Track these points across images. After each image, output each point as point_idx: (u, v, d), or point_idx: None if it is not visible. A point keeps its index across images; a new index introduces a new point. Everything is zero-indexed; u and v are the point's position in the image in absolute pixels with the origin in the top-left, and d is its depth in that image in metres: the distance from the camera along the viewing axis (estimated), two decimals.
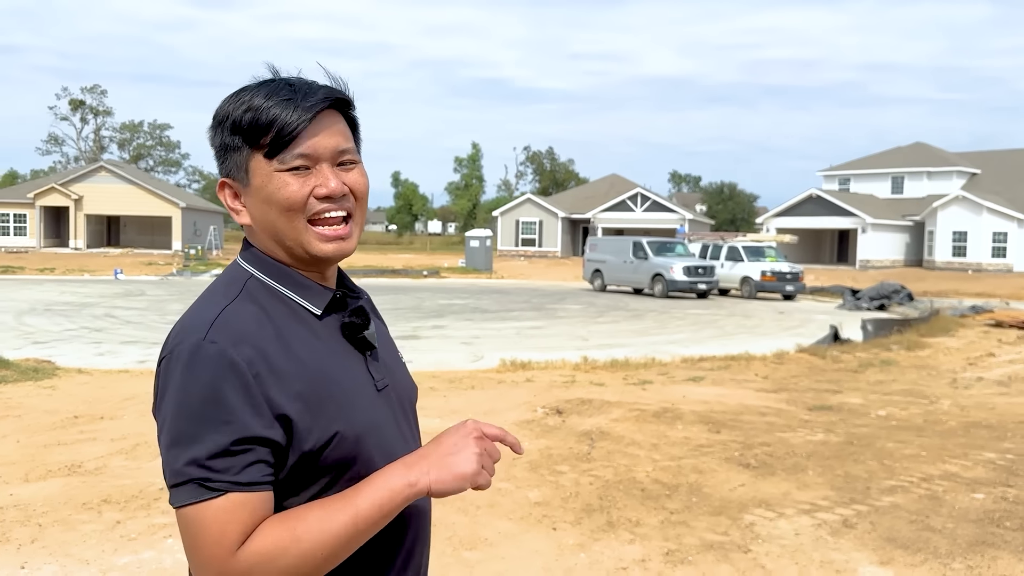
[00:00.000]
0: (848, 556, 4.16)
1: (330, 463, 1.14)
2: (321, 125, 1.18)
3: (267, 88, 1.19)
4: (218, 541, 1.05)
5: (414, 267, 37.91)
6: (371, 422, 1.19)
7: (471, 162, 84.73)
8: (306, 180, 1.18)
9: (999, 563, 4.11)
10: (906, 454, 6.43)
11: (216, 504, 1.05)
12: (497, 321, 18.20)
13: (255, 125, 1.17)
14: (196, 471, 1.06)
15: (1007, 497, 5.27)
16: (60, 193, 45.16)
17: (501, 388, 9.31)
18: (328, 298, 1.22)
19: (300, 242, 1.19)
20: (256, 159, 1.18)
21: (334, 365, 1.18)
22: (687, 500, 5.03)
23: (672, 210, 49.64)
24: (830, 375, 11.04)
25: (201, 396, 1.07)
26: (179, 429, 1.08)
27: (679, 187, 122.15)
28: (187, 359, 1.09)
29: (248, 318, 1.14)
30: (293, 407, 1.11)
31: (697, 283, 26.39)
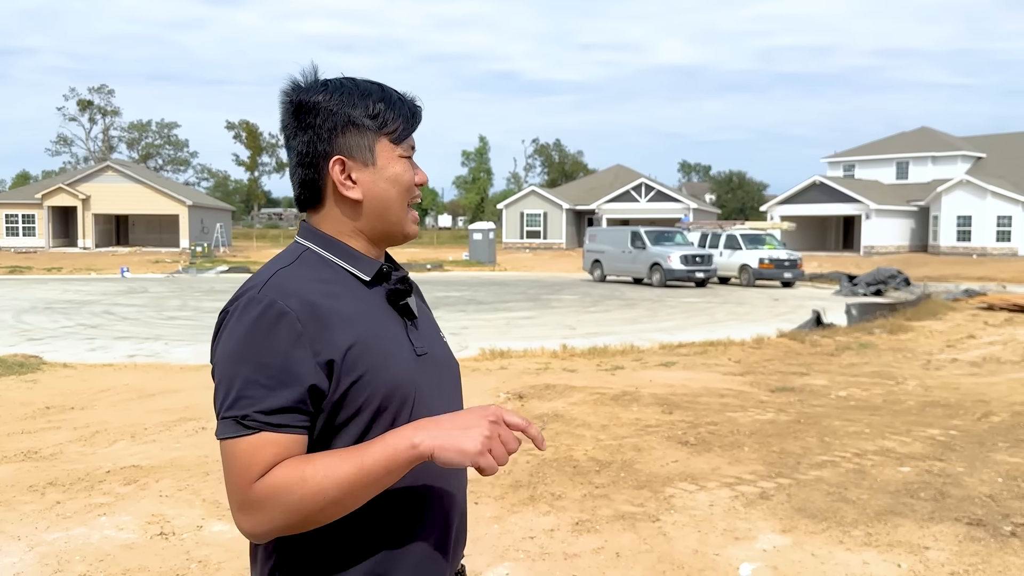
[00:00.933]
0: (753, 525, 4.32)
1: (365, 406, 1.23)
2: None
3: (380, 88, 1.37)
4: (243, 472, 1.16)
5: (419, 260, 38.14)
6: (408, 378, 1.29)
7: (478, 156, 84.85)
8: (413, 168, 1.37)
9: (900, 530, 4.26)
10: (849, 431, 6.58)
11: (248, 440, 1.17)
12: (489, 312, 18.39)
13: (389, 114, 1.34)
14: (236, 409, 1.18)
15: (932, 470, 5.42)
16: (68, 193, 45.68)
17: (474, 376, 9.49)
18: (376, 267, 1.34)
19: (401, 221, 1.36)
20: (383, 142, 1.33)
21: (377, 323, 1.29)
22: (615, 475, 5.20)
23: (677, 200, 49.62)
24: (804, 358, 11.16)
25: (250, 340, 1.19)
26: (226, 369, 1.21)
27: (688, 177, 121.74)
28: (241, 310, 1.22)
29: (299, 278, 1.27)
30: (337, 354, 1.21)
31: (695, 272, 26.46)
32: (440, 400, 1.35)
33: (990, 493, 4.90)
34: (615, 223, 47.73)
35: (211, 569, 3.61)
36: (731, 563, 3.78)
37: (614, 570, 3.67)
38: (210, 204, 51.08)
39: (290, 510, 1.15)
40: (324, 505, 1.16)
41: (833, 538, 4.13)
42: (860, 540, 4.11)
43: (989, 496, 4.83)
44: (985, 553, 3.95)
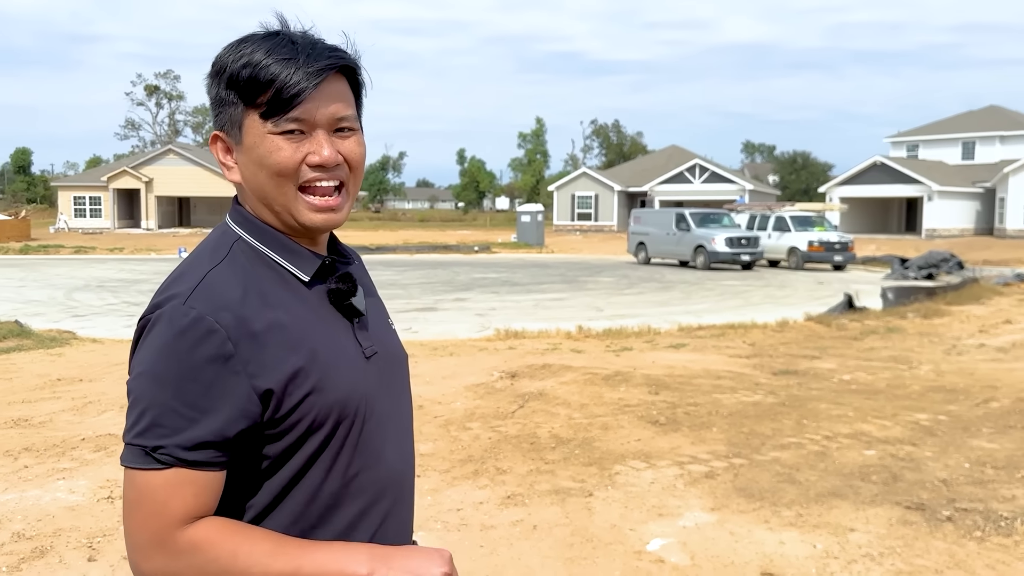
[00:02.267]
0: (684, 503, 4.34)
1: (310, 426, 1.11)
2: (321, 89, 1.13)
3: (269, 43, 1.13)
4: (158, 512, 1.04)
5: (468, 243, 38.37)
6: (356, 388, 1.17)
7: (535, 137, 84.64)
8: (299, 146, 1.13)
9: (833, 512, 4.23)
10: (832, 415, 6.49)
11: (163, 476, 1.04)
12: (521, 294, 18.47)
13: (252, 82, 1.11)
14: (147, 439, 1.04)
15: (898, 454, 5.33)
16: (132, 176, 47.21)
17: (479, 355, 9.60)
18: (317, 264, 1.19)
19: (289, 209, 1.15)
20: (251, 117, 1.13)
21: (319, 332, 1.15)
22: (570, 452, 5.25)
23: (732, 181, 48.80)
24: (823, 342, 10.97)
25: (170, 360, 1.05)
26: (141, 390, 1.06)
27: (752, 157, 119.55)
28: (165, 324, 1.06)
29: (231, 282, 1.11)
30: (275, 377, 1.08)
31: (740, 254, 26.07)
32: (389, 402, 1.24)
33: (947, 478, 4.81)
34: (668, 205, 47.20)
35: None
36: (643, 538, 3.82)
37: (524, 542, 3.74)
38: None
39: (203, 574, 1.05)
40: None
41: (760, 518, 4.12)
42: (787, 520, 4.09)
43: (943, 481, 4.75)
44: (911, 537, 3.90)
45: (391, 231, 49.75)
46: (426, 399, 6.88)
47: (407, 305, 15.89)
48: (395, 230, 52.04)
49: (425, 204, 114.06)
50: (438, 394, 7.12)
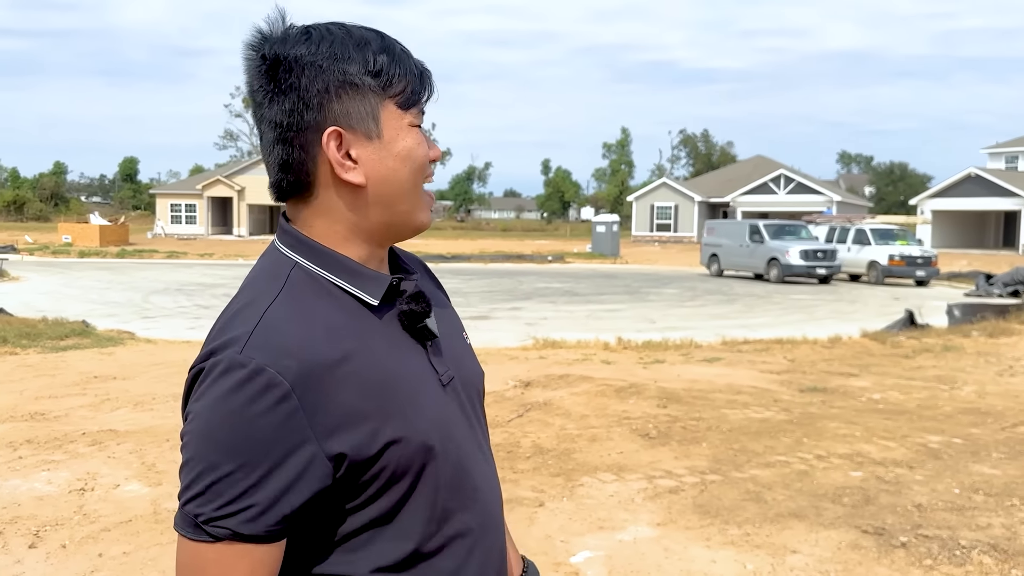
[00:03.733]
0: (633, 517, 4.29)
1: (391, 477, 1.00)
2: None
3: (372, 32, 1.06)
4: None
5: (543, 252, 38.48)
6: (438, 422, 1.05)
7: (619, 148, 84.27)
8: (423, 140, 1.06)
9: (785, 533, 4.12)
10: (839, 434, 6.28)
11: (214, 549, 0.93)
12: (578, 304, 18.43)
13: (393, 70, 1.03)
14: (199, 507, 0.93)
15: (885, 477, 5.13)
16: (225, 184, 49.21)
17: (507, 364, 9.65)
18: (385, 285, 1.05)
19: (415, 208, 1.07)
20: (388, 108, 1.03)
21: (395, 366, 1.03)
22: (543, 463, 5.26)
23: (818, 192, 47.44)
24: (868, 359, 10.59)
25: (227, 421, 0.93)
26: (196, 452, 0.94)
27: (848, 168, 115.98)
28: (219, 375, 0.94)
29: (294, 321, 0.98)
30: (344, 435, 0.96)
31: (816, 268, 25.32)
32: (468, 429, 1.12)
33: (924, 503, 4.61)
34: (751, 216, 46.21)
35: (89, 520, 4.02)
36: (571, 551, 3.80)
37: None
38: None
39: None
40: None
41: (704, 535, 4.05)
42: (730, 539, 4.01)
43: (918, 506, 4.55)
44: (854, 562, 3.77)
45: (471, 240, 50.30)
46: None
47: (461, 314, 15.56)
48: (475, 239, 52.60)
49: (511, 214, 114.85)
50: None
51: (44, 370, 8.43)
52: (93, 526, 3.95)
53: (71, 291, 19.63)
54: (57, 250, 34.57)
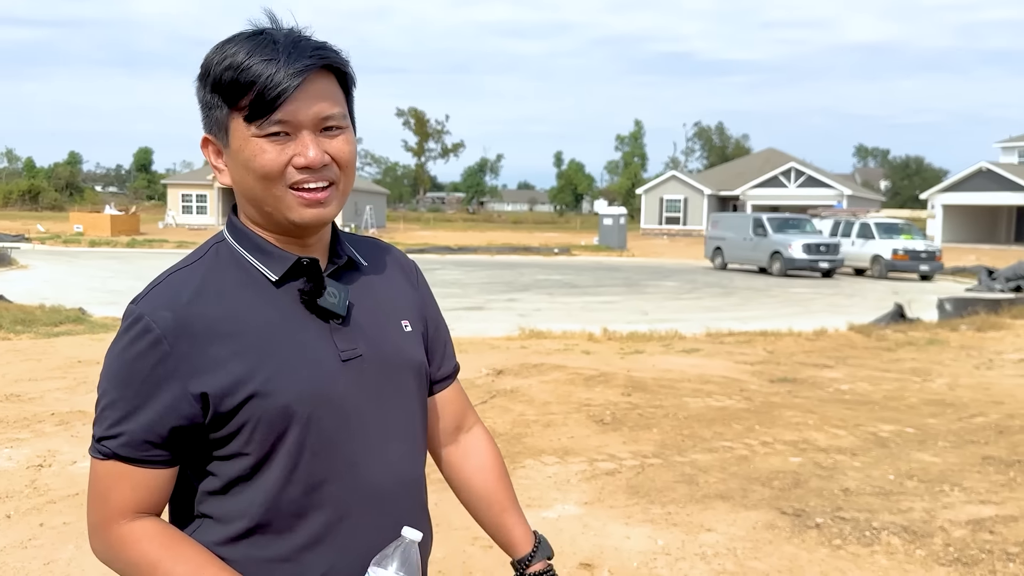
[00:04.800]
0: (564, 496, 4.45)
1: (255, 429, 1.11)
2: (306, 90, 1.11)
3: (252, 43, 1.11)
4: (101, 498, 1.11)
5: (550, 245, 38.59)
6: (316, 392, 1.14)
7: (632, 140, 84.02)
8: (284, 147, 1.11)
9: (705, 513, 4.26)
10: (792, 422, 6.41)
11: (103, 466, 1.11)
12: (575, 296, 18.55)
13: (234, 84, 1.10)
14: (96, 428, 1.12)
15: (822, 463, 5.26)
16: None
17: (487, 353, 9.81)
18: (288, 264, 1.17)
19: (279, 208, 1.14)
20: (235, 120, 1.12)
21: (280, 333, 1.14)
22: None
23: (829, 185, 47.23)
24: (848, 351, 10.68)
25: (117, 358, 1.11)
26: (99, 384, 1.14)
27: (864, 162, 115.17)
28: (122, 322, 1.13)
29: (187, 284, 1.13)
30: (209, 379, 1.09)
31: (818, 261, 25.31)
32: (377, 407, 1.21)
33: (853, 488, 4.73)
34: (761, 210, 46.07)
35: (38, 493, 4.23)
36: None
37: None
38: (364, 187, 53.83)
39: (129, 572, 1.12)
40: None
41: (626, 514, 4.20)
42: (650, 518, 4.15)
43: (845, 490, 4.68)
44: (764, 541, 3.91)
45: (480, 232, 50.44)
46: None
47: (457, 304, 16.22)
48: (485, 231, 52.72)
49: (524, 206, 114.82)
50: None
51: (32, 355, 8.67)
52: (41, 498, 4.16)
53: (75, 279, 19.96)
54: (68, 239, 35.01)
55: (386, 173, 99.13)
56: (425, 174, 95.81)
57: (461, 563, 3.54)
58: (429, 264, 27.39)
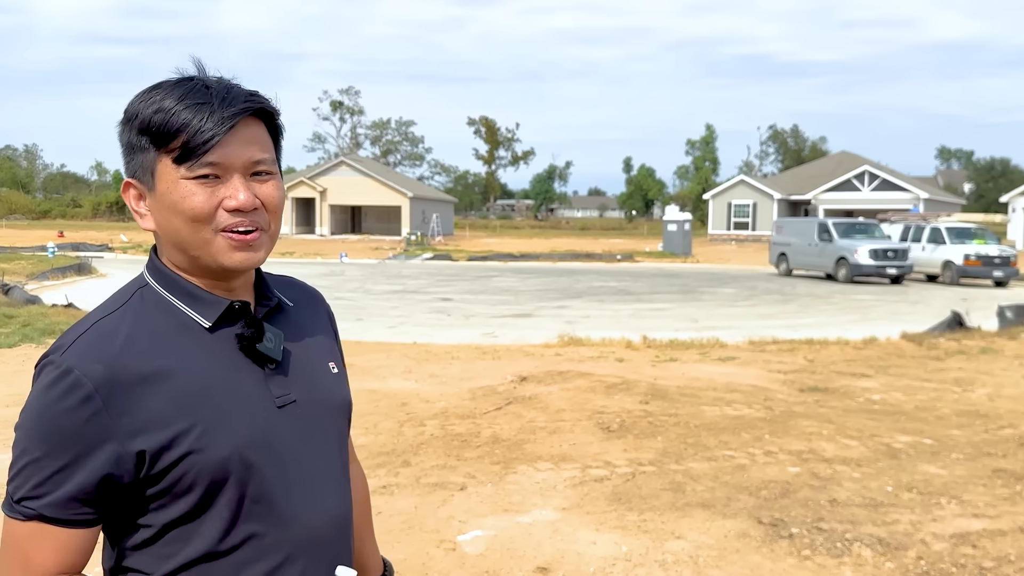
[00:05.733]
0: (544, 502, 4.53)
1: (192, 483, 1.09)
2: (237, 134, 1.12)
3: (182, 88, 1.12)
4: (20, 561, 1.06)
5: (613, 251, 38.49)
6: (254, 440, 1.13)
7: (704, 144, 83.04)
8: (215, 190, 1.11)
9: (681, 521, 4.29)
10: (805, 432, 6.34)
11: (24, 527, 1.05)
12: (627, 303, 18.50)
13: (164, 127, 1.10)
14: (15, 489, 1.06)
15: (820, 473, 5.21)
16: (308, 186, 50.94)
17: (520, 360, 9.92)
18: (221, 309, 1.15)
19: (208, 252, 1.13)
20: (163, 163, 1.11)
21: (214, 382, 1.12)
22: (490, 452, 5.53)
23: (904, 189, 45.81)
24: (892, 360, 10.42)
25: (39, 413, 1.06)
26: (17, 440, 1.08)
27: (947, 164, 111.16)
28: (42, 373, 1.07)
29: (116, 335, 1.10)
30: (145, 436, 1.06)
31: (886, 267, 24.61)
32: (311, 451, 1.21)
33: (841, 499, 4.69)
34: (833, 214, 45.01)
35: None
36: (464, 530, 4.08)
37: None
38: (431, 196, 54.62)
39: None
40: None
41: (599, 520, 4.26)
42: (623, 524, 4.21)
43: (832, 501, 4.64)
44: (732, 549, 3.92)
45: (545, 239, 50.60)
46: (417, 397, 7.33)
47: (506, 311, 16.39)
48: (550, 238, 52.85)
49: (594, 213, 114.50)
50: (435, 394, 7.55)
51: None
52: None
53: None
54: (148, 249, 36.45)
55: (457, 181, 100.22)
56: (495, 182, 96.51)
57: (421, 563, 3.67)
58: (487, 271, 27.68)
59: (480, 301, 18.16)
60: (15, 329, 11.23)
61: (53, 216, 71.81)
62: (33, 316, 12.56)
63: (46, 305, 14.43)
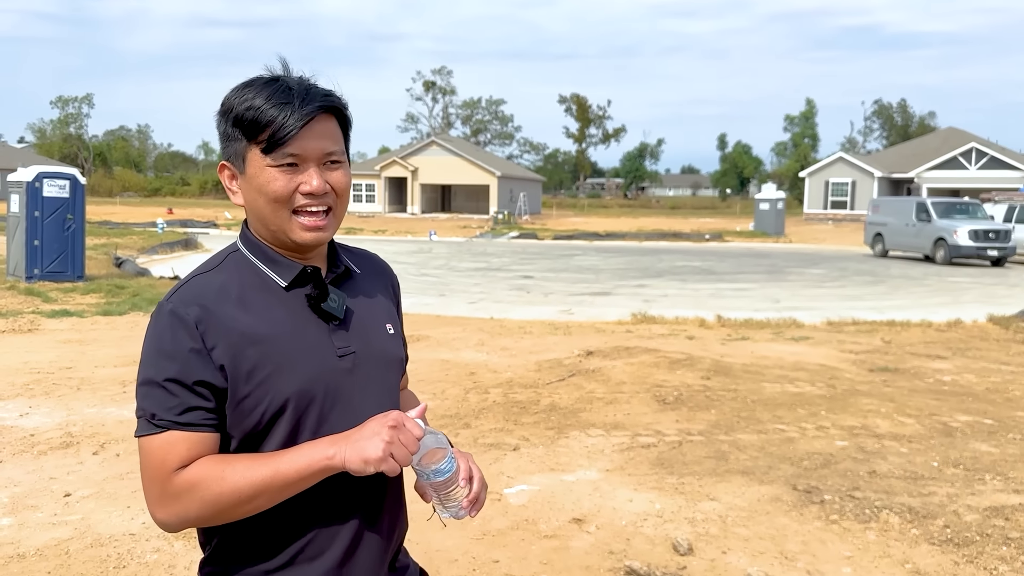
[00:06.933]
0: (591, 463, 4.82)
1: (271, 410, 1.32)
2: (313, 129, 1.34)
3: (270, 88, 1.35)
4: (160, 466, 1.28)
5: (702, 231, 38.05)
6: (317, 380, 1.35)
7: (803, 120, 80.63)
8: (293, 177, 1.34)
9: (719, 486, 4.51)
10: (863, 409, 6.42)
11: (161, 438, 1.28)
12: (708, 283, 18.44)
13: (254, 123, 1.33)
14: (148, 410, 1.29)
15: (866, 448, 5.32)
16: (400, 165, 52.04)
17: (589, 336, 10.18)
18: (296, 272, 1.39)
19: (284, 229, 1.37)
20: (252, 151, 1.35)
21: (288, 328, 1.36)
22: (547, 418, 5.85)
23: (1015, 167, 43.58)
24: (973, 344, 10.23)
25: (155, 346, 1.31)
26: (140, 372, 1.32)
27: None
28: (153, 319, 1.34)
29: (210, 286, 1.35)
30: (231, 358, 1.30)
31: (987, 249, 23.66)
32: (367, 396, 1.41)
33: (883, 471, 4.81)
34: (938, 193, 43.22)
35: None
36: (512, 484, 4.41)
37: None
38: (519, 175, 55.02)
39: (206, 503, 1.27)
40: (239, 502, 1.27)
41: (639, 482, 4.52)
42: (661, 486, 4.46)
43: (871, 472, 4.77)
44: (762, 511, 4.13)
45: (633, 218, 50.31)
46: (485, 368, 7.70)
47: (585, 289, 16.61)
48: (638, 217, 52.51)
49: (687, 191, 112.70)
50: (503, 365, 7.90)
51: None
52: None
53: None
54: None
55: (547, 160, 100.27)
56: (585, 160, 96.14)
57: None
58: (571, 250, 27.87)
59: (560, 279, 18.42)
60: (126, 299, 12.16)
61: (163, 194, 75.51)
62: (142, 287, 13.53)
63: (155, 277, 15.48)
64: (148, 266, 18.05)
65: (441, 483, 1.34)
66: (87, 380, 6.88)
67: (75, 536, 3.77)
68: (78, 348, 8.44)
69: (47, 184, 13.87)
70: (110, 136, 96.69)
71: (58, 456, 4.84)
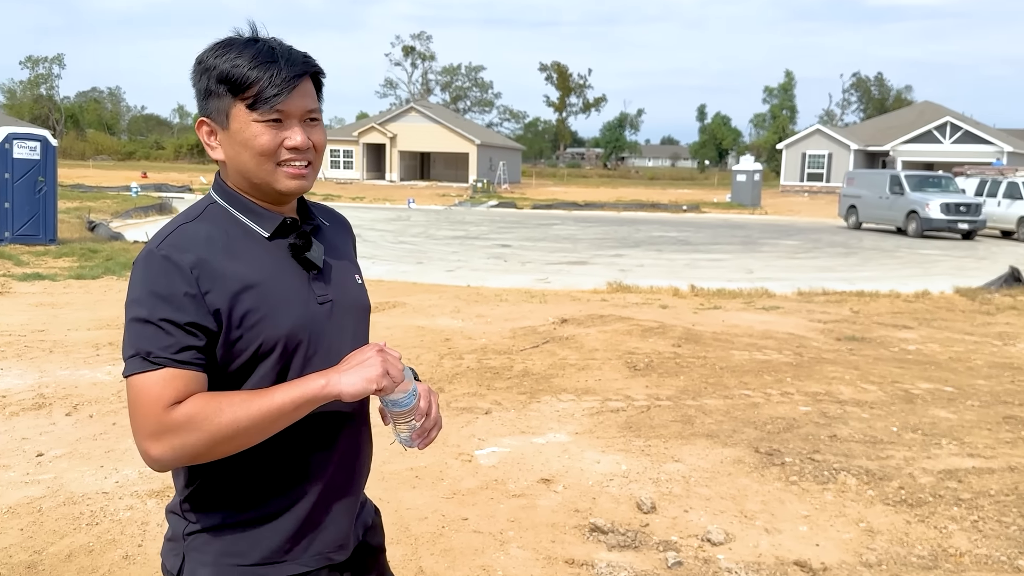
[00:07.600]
0: (560, 427, 4.92)
1: (259, 352, 1.38)
2: (296, 89, 1.42)
3: (253, 48, 1.41)
4: (155, 401, 1.30)
5: (680, 202, 38.20)
6: (302, 325, 1.42)
7: (782, 92, 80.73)
8: (278, 132, 1.41)
9: (684, 448, 4.63)
10: (828, 376, 6.57)
11: (157, 374, 1.31)
12: (684, 253, 18.59)
13: (242, 79, 1.38)
14: (142, 348, 1.32)
15: (828, 413, 5.47)
16: (378, 132, 51.62)
17: (566, 304, 10.27)
18: (277, 223, 1.46)
19: (267, 180, 1.42)
20: (237, 107, 1.40)
21: (273, 275, 1.42)
22: (519, 383, 5.94)
23: (988, 142, 44.04)
24: (939, 314, 10.44)
25: (148, 288, 1.33)
26: (131, 314, 1.34)
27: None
28: (142, 263, 1.36)
29: (198, 234, 1.40)
30: (225, 303, 1.35)
31: (958, 222, 23.98)
32: (343, 341, 1.48)
33: (843, 435, 4.95)
34: (913, 167, 43.63)
35: (120, 400, 5.11)
36: (482, 447, 4.51)
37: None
38: (499, 143, 54.80)
39: (203, 436, 1.30)
40: (236, 434, 1.31)
41: (607, 444, 4.64)
42: (627, 448, 4.57)
43: (832, 436, 4.91)
44: (724, 472, 4.26)
45: (612, 188, 50.36)
46: (460, 334, 7.77)
47: (561, 258, 16.68)
48: (617, 187, 52.56)
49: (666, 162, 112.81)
50: (478, 332, 7.98)
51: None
52: (120, 404, 5.05)
53: None
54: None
55: (527, 129, 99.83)
56: (565, 129, 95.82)
57: (439, 471, 4.11)
58: (549, 220, 27.91)
59: (538, 248, 18.48)
60: (99, 263, 12.08)
61: (137, 158, 74.48)
62: (116, 251, 13.44)
63: (128, 241, 15.36)
64: (122, 230, 17.89)
65: (399, 413, 1.42)
66: (60, 343, 6.88)
67: (47, 494, 3.82)
68: (50, 311, 8.41)
69: (17, 145, 13.68)
70: (82, 98, 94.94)
71: (30, 417, 4.87)
